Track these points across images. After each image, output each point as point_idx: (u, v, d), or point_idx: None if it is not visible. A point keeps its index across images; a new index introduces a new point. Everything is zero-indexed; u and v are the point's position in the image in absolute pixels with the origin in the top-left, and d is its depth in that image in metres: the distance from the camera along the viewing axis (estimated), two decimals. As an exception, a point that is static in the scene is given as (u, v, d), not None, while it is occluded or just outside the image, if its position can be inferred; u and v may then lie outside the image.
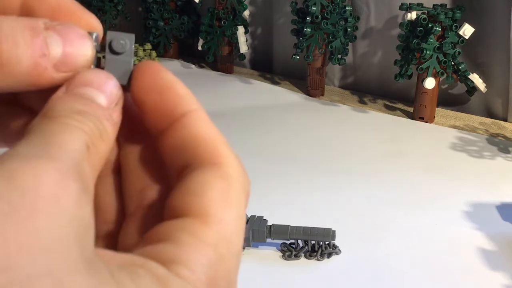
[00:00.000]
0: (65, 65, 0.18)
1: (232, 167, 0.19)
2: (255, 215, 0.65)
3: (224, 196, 0.18)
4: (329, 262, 0.63)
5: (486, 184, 0.80)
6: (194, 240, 0.17)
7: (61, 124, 0.17)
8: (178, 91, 0.20)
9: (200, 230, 0.17)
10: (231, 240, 0.18)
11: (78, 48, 0.19)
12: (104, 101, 0.19)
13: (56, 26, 0.18)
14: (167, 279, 0.16)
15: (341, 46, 1.10)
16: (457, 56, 0.99)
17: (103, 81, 0.19)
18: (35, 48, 0.18)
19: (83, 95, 0.18)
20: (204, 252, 0.17)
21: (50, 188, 0.15)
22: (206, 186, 0.18)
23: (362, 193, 0.77)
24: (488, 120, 1.06)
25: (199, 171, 0.18)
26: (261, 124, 1.02)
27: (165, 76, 0.20)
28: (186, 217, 0.18)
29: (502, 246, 0.65)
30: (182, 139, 0.19)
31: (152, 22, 1.33)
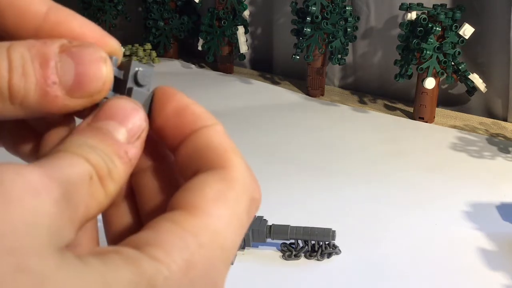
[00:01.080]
0: (78, 91, 0.18)
1: (237, 171, 0.19)
2: (255, 215, 0.65)
3: (221, 195, 0.18)
4: (329, 262, 0.63)
5: (486, 184, 0.80)
6: (174, 226, 0.17)
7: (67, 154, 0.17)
8: (195, 110, 0.20)
9: (183, 219, 0.17)
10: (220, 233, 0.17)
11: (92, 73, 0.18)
12: (124, 136, 0.18)
13: (71, 48, 0.18)
14: (138, 259, 0.16)
15: (341, 46, 1.10)
16: (457, 56, 0.99)
17: (128, 113, 0.19)
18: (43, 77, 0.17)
19: (101, 130, 0.18)
20: (182, 237, 0.17)
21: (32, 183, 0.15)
22: (204, 185, 0.18)
23: (362, 193, 0.77)
24: (488, 120, 1.06)
25: (204, 173, 0.18)
26: (261, 124, 1.02)
27: (181, 98, 0.20)
28: (175, 210, 0.17)
29: (502, 246, 0.65)
30: (195, 148, 0.19)
31: (152, 22, 1.33)
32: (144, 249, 0.16)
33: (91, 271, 0.15)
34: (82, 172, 0.17)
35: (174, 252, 0.16)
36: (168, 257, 0.16)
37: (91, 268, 0.15)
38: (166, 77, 1.24)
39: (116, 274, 0.15)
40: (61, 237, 0.16)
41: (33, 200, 0.15)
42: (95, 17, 1.38)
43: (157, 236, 0.17)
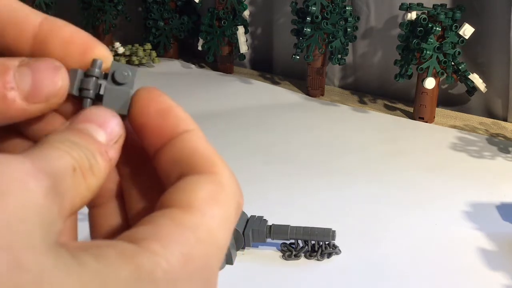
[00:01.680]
0: (35, 96, 0.19)
1: (225, 177, 0.19)
2: (255, 215, 0.65)
3: (213, 196, 0.18)
4: (329, 262, 0.63)
5: (486, 184, 0.80)
6: (171, 222, 0.17)
7: (51, 146, 0.18)
8: (178, 113, 0.20)
9: (180, 215, 0.17)
10: (214, 231, 0.18)
11: (47, 79, 0.19)
12: (104, 137, 0.19)
13: (30, 62, 0.19)
14: (134, 253, 0.16)
15: (341, 46, 1.10)
16: (457, 56, 0.99)
17: (106, 119, 0.20)
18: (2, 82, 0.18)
19: (82, 130, 0.19)
20: (181, 231, 0.17)
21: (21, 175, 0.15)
22: (197, 186, 0.18)
23: (362, 193, 0.77)
24: (488, 120, 1.06)
25: (193, 176, 0.19)
26: (261, 124, 1.02)
27: (164, 100, 0.21)
28: (170, 208, 0.18)
29: (502, 246, 0.65)
30: (180, 152, 0.20)
31: (152, 22, 1.33)
32: (141, 243, 0.16)
33: (87, 269, 0.15)
34: (66, 164, 0.17)
35: (173, 245, 0.17)
36: (166, 250, 0.16)
37: (87, 266, 0.15)
38: (166, 77, 1.24)
39: (112, 271, 0.15)
40: (52, 232, 0.16)
41: (24, 193, 0.15)
42: (95, 17, 1.38)
43: (155, 230, 0.17)
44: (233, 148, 0.91)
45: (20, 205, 0.15)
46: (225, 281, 0.60)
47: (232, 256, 0.62)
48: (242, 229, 0.63)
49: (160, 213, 0.18)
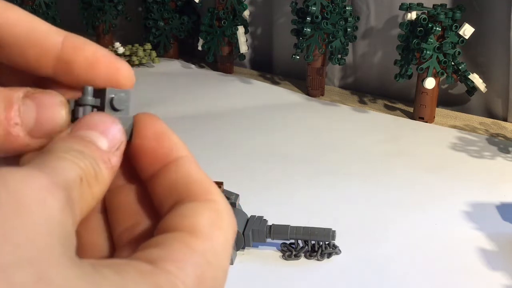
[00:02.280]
0: (39, 132, 0.19)
1: (222, 205, 0.20)
2: (255, 215, 0.65)
3: (215, 222, 0.19)
4: (329, 262, 0.63)
5: (486, 184, 0.80)
6: (183, 246, 0.18)
7: (57, 157, 0.18)
8: (172, 138, 0.21)
9: (189, 240, 0.18)
10: (220, 254, 0.19)
11: (50, 116, 0.19)
12: (105, 144, 0.19)
13: (34, 94, 0.19)
14: (154, 273, 0.17)
15: (341, 46, 1.10)
16: (457, 56, 0.99)
17: (108, 125, 0.20)
18: (7, 118, 0.19)
19: (84, 138, 0.19)
20: (192, 255, 0.18)
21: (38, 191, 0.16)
22: (199, 212, 0.19)
23: (362, 193, 0.77)
24: (488, 120, 1.06)
25: (193, 203, 0.19)
26: (261, 124, 1.02)
27: (161, 125, 0.21)
28: (176, 231, 0.18)
29: (502, 246, 0.65)
30: (176, 178, 0.20)
31: (152, 22, 1.33)
32: (157, 263, 0.17)
33: (110, 282, 0.16)
34: (75, 175, 0.18)
35: (187, 268, 0.17)
36: (181, 272, 0.17)
37: (109, 281, 0.16)
38: (166, 77, 1.24)
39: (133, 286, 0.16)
40: (71, 245, 0.16)
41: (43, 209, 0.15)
42: (95, 17, 1.38)
43: (169, 253, 0.17)
44: (233, 148, 0.91)
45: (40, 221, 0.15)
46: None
47: (232, 256, 0.62)
48: (242, 229, 0.63)
49: (170, 236, 0.18)
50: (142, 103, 1.08)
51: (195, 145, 0.92)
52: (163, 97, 1.12)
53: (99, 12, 1.37)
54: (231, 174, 0.81)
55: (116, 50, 1.27)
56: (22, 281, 0.14)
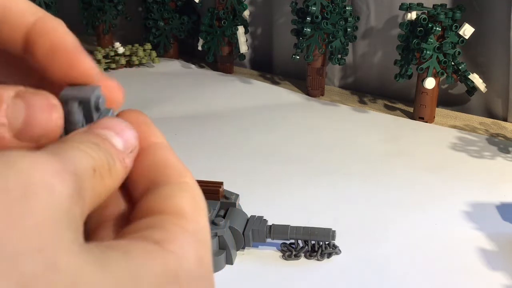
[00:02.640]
0: (26, 134, 0.18)
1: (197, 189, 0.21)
2: (255, 215, 0.65)
3: (195, 204, 0.20)
4: (329, 262, 0.63)
5: (486, 184, 0.80)
6: (178, 228, 0.18)
7: (72, 146, 0.18)
8: (150, 126, 0.22)
9: (181, 222, 0.19)
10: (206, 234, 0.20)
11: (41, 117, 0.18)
12: (121, 145, 0.20)
13: (25, 94, 0.18)
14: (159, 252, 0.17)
15: (341, 46, 1.10)
16: (457, 56, 0.99)
17: (123, 128, 0.20)
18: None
19: (101, 134, 0.19)
20: (188, 235, 0.18)
21: (47, 176, 0.15)
22: (179, 194, 0.20)
23: (362, 193, 0.77)
24: (488, 120, 1.06)
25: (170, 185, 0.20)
26: (261, 124, 1.02)
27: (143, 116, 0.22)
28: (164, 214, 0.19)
29: (502, 246, 0.65)
30: (153, 161, 0.21)
31: (152, 22, 1.33)
32: (162, 244, 0.18)
33: (119, 266, 0.16)
34: (88, 165, 0.17)
35: (187, 247, 0.18)
36: (184, 251, 0.18)
37: (118, 263, 0.16)
38: (166, 77, 1.24)
39: (143, 268, 0.16)
40: (79, 232, 0.16)
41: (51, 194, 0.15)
42: (95, 17, 1.38)
43: (168, 234, 0.18)
44: (233, 148, 0.91)
45: (48, 208, 0.15)
46: (225, 281, 0.60)
47: (232, 256, 0.62)
48: (242, 229, 0.63)
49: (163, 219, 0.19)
50: (142, 103, 1.08)
51: (195, 145, 0.92)
52: (163, 97, 1.12)
53: (99, 12, 1.37)
54: (231, 174, 0.81)
55: (116, 50, 1.27)
56: (32, 269, 0.14)
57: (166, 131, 1.13)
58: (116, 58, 1.27)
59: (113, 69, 1.27)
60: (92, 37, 1.47)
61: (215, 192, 0.65)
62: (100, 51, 1.26)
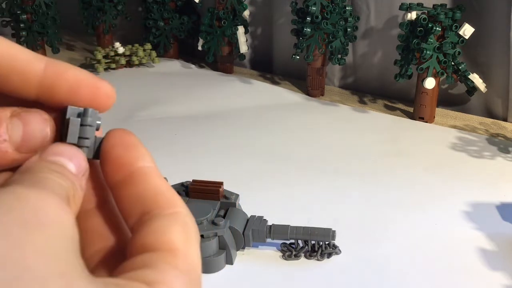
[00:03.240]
0: (25, 147, 0.21)
1: (188, 216, 0.21)
2: (255, 215, 0.65)
3: (186, 236, 0.20)
4: (329, 262, 0.63)
5: (486, 184, 0.80)
6: (169, 267, 0.19)
7: (44, 177, 0.19)
8: (140, 149, 0.22)
9: (172, 260, 0.20)
10: (197, 271, 0.20)
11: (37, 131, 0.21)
12: (74, 169, 0.21)
13: (21, 113, 0.21)
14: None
15: (341, 46, 1.10)
16: (457, 56, 0.99)
17: (73, 153, 0.21)
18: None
19: (56, 161, 0.20)
20: (180, 276, 0.19)
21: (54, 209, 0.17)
22: (170, 228, 0.20)
23: (362, 193, 0.77)
24: (488, 120, 1.06)
25: (162, 217, 0.21)
26: (261, 124, 1.02)
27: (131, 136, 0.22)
28: (157, 251, 0.20)
29: (502, 246, 0.65)
30: (143, 189, 0.21)
31: (152, 22, 1.33)
32: (154, 286, 0.18)
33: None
34: (64, 194, 0.19)
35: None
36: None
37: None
38: (166, 77, 1.24)
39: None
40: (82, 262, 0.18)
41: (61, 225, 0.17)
42: (95, 17, 1.38)
43: (159, 274, 0.19)
44: (233, 148, 0.91)
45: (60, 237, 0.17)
46: (225, 281, 0.60)
47: (232, 256, 0.62)
48: (242, 229, 0.63)
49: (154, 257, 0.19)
50: (142, 103, 1.08)
51: (195, 145, 0.92)
52: (163, 97, 1.12)
53: (99, 12, 1.37)
54: (231, 174, 0.81)
55: (116, 50, 1.27)
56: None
57: (166, 131, 1.13)
58: (116, 58, 1.27)
59: (113, 69, 1.27)
60: (92, 37, 1.48)
61: (215, 192, 0.65)
62: (100, 51, 1.26)
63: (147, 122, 1.00)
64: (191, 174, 0.73)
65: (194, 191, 0.66)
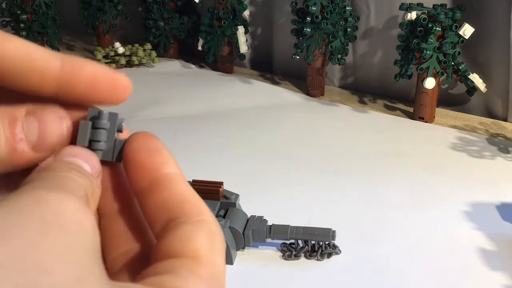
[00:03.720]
0: (41, 145, 0.21)
1: (215, 224, 0.21)
2: (255, 215, 0.65)
3: (212, 244, 0.20)
4: (329, 262, 0.63)
5: (486, 184, 0.80)
6: (191, 274, 0.19)
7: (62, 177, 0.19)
8: (165, 153, 0.22)
9: (195, 267, 0.19)
10: (220, 279, 0.20)
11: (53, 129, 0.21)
12: (89, 170, 0.21)
13: (36, 111, 0.21)
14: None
15: (341, 46, 1.10)
16: (457, 56, 0.99)
17: (88, 155, 0.21)
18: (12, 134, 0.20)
19: (72, 162, 0.20)
20: (202, 284, 0.19)
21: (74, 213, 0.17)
22: (196, 235, 0.20)
23: (362, 193, 0.77)
24: (488, 120, 1.06)
25: (188, 225, 0.20)
26: (261, 124, 1.02)
27: (154, 141, 0.22)
28: (181, 258, 0.20)
29: (502, 246, 0.65)
30: (169, 196, 0.21)
31: (152, 22, 1.33)
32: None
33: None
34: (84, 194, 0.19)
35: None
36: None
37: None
38: (166, 77, 1.24)
39: None
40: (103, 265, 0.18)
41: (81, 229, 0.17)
42: (95, 17, 1.38)
43: (181, 281, 0.19)
44: (233, 148, 0.91)
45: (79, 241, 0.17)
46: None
47: (232, 256, 0.62)
48: (242, 229, 0.63)
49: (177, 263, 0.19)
50: (142, 103, 1.08)
51: (195, 145, 0.92)
52: (163, 97, 1.12)
53: (99, 12, 1.37)
54: (231, 174, 0.81)
55: (116, 50, 1.27)
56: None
57: (166, 131, 1.13)
58: (116, 58, 1.27)
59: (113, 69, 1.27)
60: (92, 37, 1.48)
61: (215, 192, 0.65)
62: (100, 51, 1.26)
63: (147, 122, 1.00)
64: (191, 174, 0.73)
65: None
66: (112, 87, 0.21)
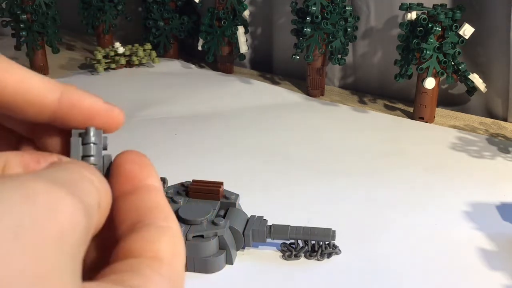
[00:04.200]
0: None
1: (179, 234, 0.22)
2: (255, 215, 0.65)
3: (174, 248, 0.21)
4: (329, 262, 0.63)
5: (486, 184, 0.80)
6: (154, 273, 0.19)
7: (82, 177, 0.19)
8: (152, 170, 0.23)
9: (158, 267, 0.20)
10: (181, 279, 0.21)
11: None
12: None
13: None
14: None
15: (341, 46, 1.10)
16: (457, 56, 0.99)
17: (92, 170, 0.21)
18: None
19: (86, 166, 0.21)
20: (163, 281, 0.19)
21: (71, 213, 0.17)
22: (160, 238, 0.21)
23: (362, 193, 0.77)
24: (488, 120, 1.06)
25: (154, 227, 0.21)
26: (261, 124, 1.02)
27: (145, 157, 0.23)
28: (143, 257, 0.20)
29: (502, 246, 0.65)
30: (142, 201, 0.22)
31: (152, 22, 1.33)
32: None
33: None
34: (94, 200, 0.19)
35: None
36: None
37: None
38: (166, 77, 1.24)
39: None
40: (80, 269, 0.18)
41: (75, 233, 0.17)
42: (95, 17, 1.38)
43: (145, 279, 0.19)
44: (233, 148, 0.91)
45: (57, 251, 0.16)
46: (225, 281, 0.60)
47: (232, 256, 0.62)
48: (242, 229, 0.63)
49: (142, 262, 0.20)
50: (142, 103, 1.08)
51: (195, 145, 0.92)
52: (163, 97, 1.12)
53: (99, 12, 1.37)
54: (231, 174, 0.81)
55: (116, 50, 1.27)
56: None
57: (166, 131, 1.13)
58: (116, 58, 1.27)
59: (113, 69, 1.27)
60: (92, 37, 1.47)
61: (215, 192, 0.65)
62: (100, 51, 1.26)
63: (147, 122, 1.00)
64: (191, 174, 0.72)
65: (194, 191, 0.66)
66: (107, 121, 0.22)
